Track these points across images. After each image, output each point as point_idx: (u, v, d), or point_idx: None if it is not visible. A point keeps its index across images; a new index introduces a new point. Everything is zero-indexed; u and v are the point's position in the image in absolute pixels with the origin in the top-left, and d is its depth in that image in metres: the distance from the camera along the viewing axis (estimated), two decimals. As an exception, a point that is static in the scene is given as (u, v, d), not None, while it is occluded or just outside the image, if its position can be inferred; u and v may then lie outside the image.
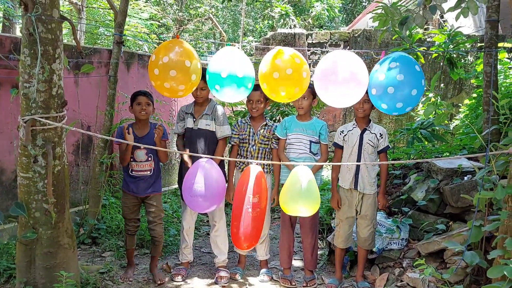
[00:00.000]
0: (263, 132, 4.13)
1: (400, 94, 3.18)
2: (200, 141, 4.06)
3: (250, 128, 4.16)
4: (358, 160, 3.85)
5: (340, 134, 3.96)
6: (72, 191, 5.14)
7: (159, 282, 3.98)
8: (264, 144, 4.14)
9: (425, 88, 3.23)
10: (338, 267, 4.09)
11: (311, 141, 4.01)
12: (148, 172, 3.98)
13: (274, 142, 4.15)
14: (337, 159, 3.99)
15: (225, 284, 4.03)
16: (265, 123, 4.18)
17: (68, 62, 4.45)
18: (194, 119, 4.11)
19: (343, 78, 3.13)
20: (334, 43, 9.53)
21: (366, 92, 3.73)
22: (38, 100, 3.18)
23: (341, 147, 3.96)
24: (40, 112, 3.19)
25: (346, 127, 3.98)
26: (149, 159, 3.97)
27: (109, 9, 10.96)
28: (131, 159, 3.95)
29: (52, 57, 3.21)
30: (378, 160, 3.91)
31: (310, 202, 3.15)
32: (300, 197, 3.14)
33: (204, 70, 3.61)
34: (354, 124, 3.94)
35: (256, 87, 4.20)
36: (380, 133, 3.88)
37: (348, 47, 9.34)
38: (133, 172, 3.97)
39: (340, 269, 4.10)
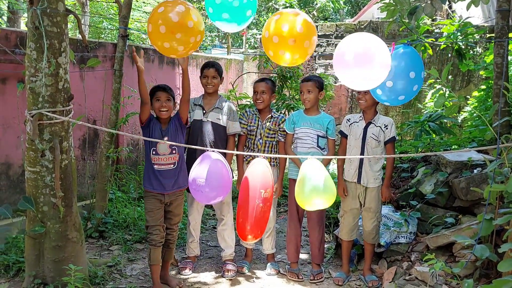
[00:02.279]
0: (269, 125, 4.11)
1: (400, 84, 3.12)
2: (209, 134, 4.03)
3: (258, 121, 4.14)
4: (361, 154, 3.82)
5: (347, 122, 3.95)
6: (79, 185, 5.14)
7: (177, 287, 3.77)
8: (271, 137, 4.12)
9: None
10: (345, 260, 4.07)
11: (318, 136, 3.98)
12: (172, 166, 3.62)
13: (280, 135, 4.12)
14: (343, 148, 3.97)
15: (232, 278, 4.02)
16: (270, 115, 4.15)
17: (74, 56, 4.44)
18: (204, 111, 4.08)
19: (363, 60, 2.94)
20: (340, 35, 9.45)
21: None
22: (45, 94, 3.17)
23: (346, 136, 3.94)
24: (47, 106, 3.19)
25: (354, 117, 3.96)
26: (173, 152, 3.62)
27: (113, 2, 10.94)
28: (153, 152, 3.59)
29: (58, 50, 3.20)
30: (384, 152, 3.87)
31: (328, 195, 3.10)
32: (318, 191, 3.08)
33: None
34: (360, 116, 3.91)
35: (262, 79, 4.20)
36: (385, 124, 3.83)
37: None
38: (155, 166, 3.60)
39: (347, 263, 4.08)
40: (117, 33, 5.19)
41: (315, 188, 3.04)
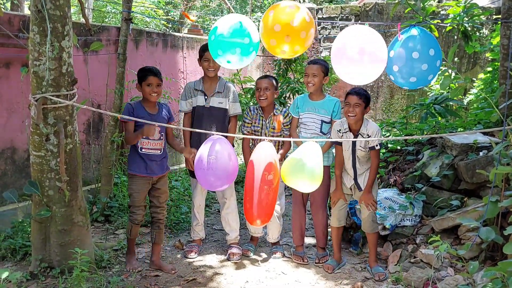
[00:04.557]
0: (272, 124, 4.07)
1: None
2: (213, 120, 4.02)
3: (262, 120, 4.10)
4: (354, 165, 3.77)
5: (338, 132, 3.79)
6: (84, 170, 5.17)
7: (173, 272, 3.80)
8: (276, 135, 4.08)
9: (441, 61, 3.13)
10: (336, 247, 4.00)
11: (322, 121, 3.94)
12: (159, 151, 3.76)
13: (284, 130, 4.09)
14: (339, 156, 3.86)
15: (237, 261, 4.05)
16: (273, 112, 4.10)
17: (77, 40, 4.42)
18: (206, 97, 4.06)
19: (359, 55, 2.99)
20: (345, 17, 9.34)
21: (359, 96, 3.60)
22: (48, 78, 3.17)
23: (340, 144, 3.82)
24: (51, 90, 3.19)
25: (343, 125, 3.78)
26: (161, 137, 3.76)
27: (116, -14, 10.85)
28: (143, 137, 3.67)
29: (61, 34, 3.18)
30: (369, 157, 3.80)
31: (310, 179, 3.10)
32: (301, 172, 3.08)
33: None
34: (346, 128, 3.76)
35: (265, 76, 4.14)
36: (368, 135, 3.68)
37: (360, 21, 9.17)
38: (142, 150, 3.69)
39: (338, 250, 4.00)
40: (121, 16, 5.15)
41: (299, 169, 3.04)
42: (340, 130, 3.78)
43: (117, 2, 11.48)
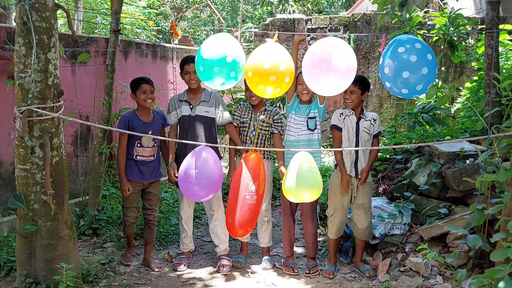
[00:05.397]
0: (262, 117, 4.10)
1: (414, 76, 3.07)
2: (199, 128, 4.02)
3: (251, 113, 4.13)
4: (356, 147, 3.83)
5: (340, 115, 3.92)
6: (71, 182, 5.12)
7: (156, 270, 3.99)
8: (264, 130, 4.10)
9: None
10: (332, 252, 4.07)
11: (308, 118, 3.98)
12: (152, 158, 4.00)
13: (274, 127, 4.11)
14: (338, 140, 3.93)
15: (227, 273, 4.02)
16: (264, 108, 4.14)
17: (64, 51, 4.40)
18: (191, 106, 4.06)
19: (324, 68, 3.03)
20: (333, 27, 9.42)
21: (353, 83, 3.64)
22: (34, 90, 3.15)
23: (340, 129, 3.92)
24: (37, 102, 3.16)
25: (345, 111, 3.94)
26: (155, 144, 3.99)
27: (105, -3, 10.88)
28: (138, 145, 3.93)
29: (47, 46, 3.17)
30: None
31: (312, 188, 3.11)
32: (303, 184, 3.10)
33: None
34: (351, 111, 3.91)
35: None
36: (373, 119, 3.89)
37: (348, 31, 9.25)
38: (138, 157, 3.94)
39: (334, 255, 4.08)
40: (110, 27, 5.15)
41: (300, 181, 3.05)
42: (342, 113, 3.92)
43: (106, 13, 11.51)
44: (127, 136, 3.88)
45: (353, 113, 3.89)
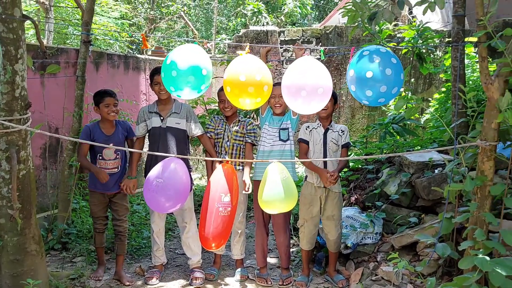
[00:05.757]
0: (236, 128, 4.11)
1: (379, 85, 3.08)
2: (171, 140, 3.99)
3: (225, 125, 4.13)
4: (324, 158, 3.87)
5: (306, 129, 3.98)
6: (40, 196, 5.01)
7: (127, 283, 3.94)
8: (239, 140, 4.11)
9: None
10: (305, 263, 4.08)
11: (280, 129, 4.00)
12: (116, 170, 3.98)
13: (247, 136, 4.11)
14: (303, 151, 3.98)
15: (200, 285, 3.98)
16: (238, 119, 4.15)
17: (33, 63, 4.33)
18: (162, 118, 4.03)
19: (303, 92, 3.05)
20: (306, 40, 9.55)
21: None
22: (1, 102, 3.08)
23: (307, 142, 3.97)
24: (3, 114, 3.09)
25: (311, 124, 4.00)
26: (117, 157, 3.98)
27: (76, 7, 10.74)
28: (99, 157, 3.94)
29: (15, 57, 3.10)
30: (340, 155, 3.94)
31: (288, 199, 3.12)
32: (278, 195, 3.10)
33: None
34: (318, 123, 3.97)
35: None
36: (342, 130, 3.96)
37: (320, 43, 9.38)
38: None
39: (307, 265, 4.09)
40: (80, 38, 5.09)
41: (276, 192, 3.05)
42: (308, 126, 3.98)
43: (78, 23, 11.37)
44: (88, 145, 3.91)
45: (320, 125, 3.95)
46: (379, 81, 2.92)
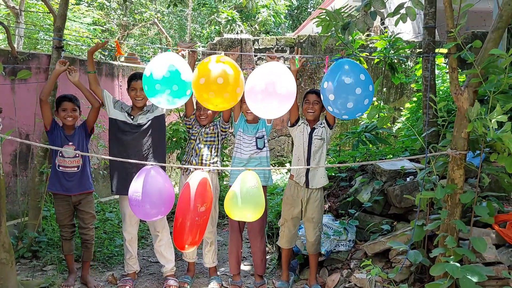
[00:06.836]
0: (207, 130, 4.10)
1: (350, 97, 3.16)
2: (144, 136, 3.93)
3: (199, 128, 4.13)
4: (308, 156, 3.88)
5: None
6: (10, 203, 4.88)
7: None
8: (210, 141, 4.10)
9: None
10: (285, 267, 4.09)
11: (256, 138, 4.01)
12: (76, 169, 3.90)
13: (222, 135, 4.14)
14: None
15: (174, 293, 3.94)
16: (211, 125, 4.15)
17: (4, 68, 4.23)
18: (132, 117, 3.97)
19: (263, 94, 3.11)
20: (280, 48, 9.64)
21: (317, 94, 3.76)
22: (-30, 107, 3.00)
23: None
24: (-28, 120, 3.01)
25: (304, 121, 3.98)
26: (77, 155, 3.89)
27: (48, 13, 10.55)
28: (60, 154, 3.85)
29: (-16, 62, 3.04)
30: (326, 142, 3.94)
31: (254, 208, 3.14)
32: (244, 203, 3.12)
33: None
34: (306, 122, 3.96)
35: None
36: (321, 123, 3.92)
37: (294, 52, 9.46)
38: (60, 168, 3.87)
39: (287, 270, 4.11)
40: (52, 44, 5.01)
41: (242, 200, 3.07)
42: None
43: (49, 29, 11.17)
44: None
45: (307, 124, 3.93)
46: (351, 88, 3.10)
